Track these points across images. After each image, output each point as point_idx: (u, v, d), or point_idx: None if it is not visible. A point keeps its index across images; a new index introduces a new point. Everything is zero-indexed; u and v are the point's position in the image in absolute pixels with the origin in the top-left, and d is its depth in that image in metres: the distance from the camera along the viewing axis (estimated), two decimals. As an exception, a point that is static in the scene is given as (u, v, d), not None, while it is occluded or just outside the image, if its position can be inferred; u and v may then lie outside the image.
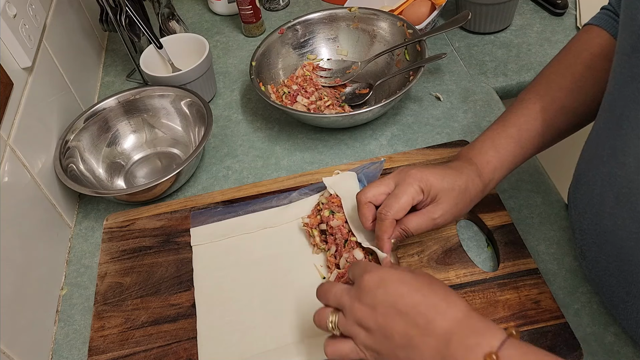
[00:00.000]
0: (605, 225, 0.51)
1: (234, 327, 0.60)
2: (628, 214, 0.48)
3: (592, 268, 0.56)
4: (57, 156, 0.74)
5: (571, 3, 1.00)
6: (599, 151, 0.52)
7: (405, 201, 0.55)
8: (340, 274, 0.60)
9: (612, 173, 0.50)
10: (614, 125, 0.49)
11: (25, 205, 0.65)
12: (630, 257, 0.48)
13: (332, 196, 0.67)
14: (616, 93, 0.49)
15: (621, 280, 0.51)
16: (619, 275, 0.51)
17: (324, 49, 0.93)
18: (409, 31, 0.86)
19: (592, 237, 0.54)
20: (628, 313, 0.52)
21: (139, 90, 0.84)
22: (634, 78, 0.45)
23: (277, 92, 0.86)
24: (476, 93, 0.86)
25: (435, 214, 0.57)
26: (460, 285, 0.60)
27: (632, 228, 0.47)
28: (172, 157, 0.84)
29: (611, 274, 0.52)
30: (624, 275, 0.50)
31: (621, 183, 0.48)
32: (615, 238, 0.50)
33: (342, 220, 0.64)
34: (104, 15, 0.91)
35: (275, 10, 1.11)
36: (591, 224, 0.54)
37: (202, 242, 0.68)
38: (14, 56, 0.68)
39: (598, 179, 0.52)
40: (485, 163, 0.60)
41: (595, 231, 0.53)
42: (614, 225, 0.50)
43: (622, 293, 0.51)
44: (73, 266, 0.72)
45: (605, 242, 0.52)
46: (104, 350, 0.60)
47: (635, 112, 0.46)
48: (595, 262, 0.55)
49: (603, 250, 0.53)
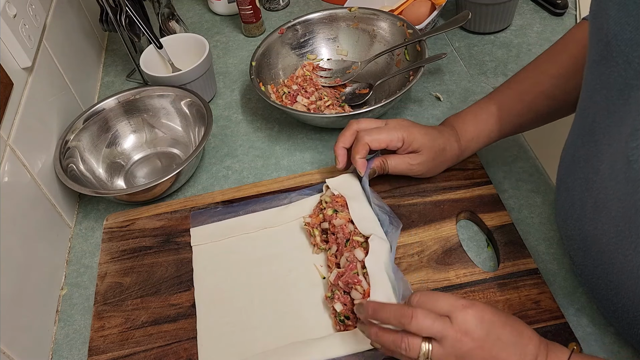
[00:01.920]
0: (587, 230, 0.52)
1: (234, 327, 0.60)
2: (606, 219, 0.48)
3: (582, 272, 0.56)
4: (57, 156, 0.74)
5: (571, 3, 1.00)
6: (576, 157, 0.53)
7: (384, 138, 0.64)
8: (340, 273, 0.60)
9: (588, 179, 0.50)
10: (587, 131, 0.50)
11: (25, 205, 0.65)
12: (613, 260, 0.48)
13: (336, 196, 0.67)
14: (587, 100, 0.50)
15: (608, 283, 0.51)
16: (605, 279, 0.51)
17: (324, 49, 0.93)
18: (409, 31, 0.86)
19: (577, 242, 0.55)
20: (619, 316, 0.52)
21: (139, 90, 0.84)
22: (603, 86, 0.46)
23: (277, 92, 0.86)
24: (476, 93, 0.86)
25: (414, 160, 0.66)
26: (460, 285, 0.60)
27: (611, 232, 0.47)
28: (172, 157, 0.84)
29: (598, 278, 0.52)
30: (610, 278, 0.50)
31: (598, 189, 0.49)
32: (598, 243, 0.50)
33: (344, 220, 0.64)
34: (104, 15, 0.91)
35: (275, 10, 1.11)
36: (574, 229, 0.54)
37: (202, 242, 0.68)
38: (14, 56, 0.68)
39: (577, 185, 0.52)
40: (464, 132, 0.68)
41: (579, 236, 0.54)
42: (595, 230, 0.50)
43: (611, 296, 0.51)
44: (73, 266, 0.72)
45: (589, 247, 0.52)
46: (104, 350, 0.60)
47: (605, 119, 0.46)
48: (583, 267, 0.55)
49: (588, 255, 0.53)
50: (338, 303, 0.58)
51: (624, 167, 0.43)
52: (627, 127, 0.43)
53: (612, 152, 0.46)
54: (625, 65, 0.43)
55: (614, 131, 0.45)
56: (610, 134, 0.46)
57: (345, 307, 0.58)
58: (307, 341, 0.57)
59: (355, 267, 0.59)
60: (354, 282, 0.58)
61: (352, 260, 0.60)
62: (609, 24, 0.44)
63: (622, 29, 0.42)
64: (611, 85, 0.45)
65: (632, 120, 0.42)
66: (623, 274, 0.48)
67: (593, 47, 0.48)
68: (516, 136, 0.78)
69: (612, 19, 0.43)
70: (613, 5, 0.43)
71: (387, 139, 0.65)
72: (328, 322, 0.59)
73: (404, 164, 0.66)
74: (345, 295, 0.59)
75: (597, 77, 0.47)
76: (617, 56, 0.43)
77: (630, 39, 0.42)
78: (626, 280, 0.48)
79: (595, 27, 0.47)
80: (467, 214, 0.68)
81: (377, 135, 0.65)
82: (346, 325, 0.58)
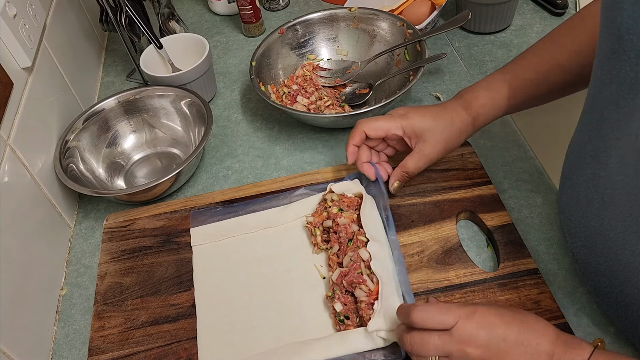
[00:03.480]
0: (592, 226, 0.52)
1: (234, 327, 0.60)
2: (613, 214, 0.48)
3: (585, 271, 0.56)
4: (57, 156, 0.74)
5: (571, 3, 0.99)
6: (582, 153, 0.53)
7: (381, 126, 0.65)
8: (343, 272, 0.60)
9: (595, 174, 0.50)
10: (594, 126, 0.50)
11: (25, 205, 0.65)
12: (619, 256, 0.48)
13: (343, 195, 0.67)
14: (596, 94, 0.50)
15: (613, 280, 0.51)
16: (610, 276, 0.51)
17: (324, 49, 0.93)
18: (409, 31, 0.86)
19: (581, 239, 0.55)
20: (622, 314, 0.52)
21: (139, 90, 0.84)
22: (612, 80, 0.46)
23: (277, 92, 0.86)
24: (476, 93, 0.86)
25: (426, 149, 0.64)
26: (460, 285, 0.60)
27: (618, 228, 0.47)
28: (172, 157, 0.84)
29: (603, 275, 0.52)
30: (615, 275, 0.50)
31: (605, 184, 0.49)
32: (604, 238, 0.50)
33: (349, 219, 0.64)
34: (104, 15, 0.91)
35: (275, 10, 1.11)
36: (579, 225, 0.54)
37: (202, 242, 0.68)
38: (14, 56, 0.68)
39: (582, 181, 0.52)
40: (474, 98, 0.66)
41: (583, 233, 0.54)
42: (601, 225, 0.50)
43: (616, 293, 0.51)
44: (73, 266, 0.72)
45: (594, 243, 0.52)
46: (104, 350, 0.60)
47: (614, 113, 0.46)
48: (586, 264, 0.55)
49: (593, 252, 0.53)
50: (338, 303, 0.58)
51: (634, 160, 0.43)
52: (637, 121, 0.43)
53: (621, 146, 0.45)
54: (637, 60, 0.42)
55: (624, 125, 0.45)
56: (619, 128, 0.46)
57: (345, 307, 0.58)
58: (307, 341, 0.57)
59: (360, 266, 0.59)
60: (359, 281, 0.58)
61: (356, 259, 0.60)
62: (622, 17, 0.43)
63: (636, 22, 0.42)
64: (622, 79, 0.44)
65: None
66: (629, 270, 0.48)
67: (604, 40, 0.47)
68: (516, 136, 0.78)
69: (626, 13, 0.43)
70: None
71: (384, 127, 0.65)
72: (328, 322, 0.59)
73: (420, 159, 0.65)
74: (346, 295, 0.59)
75: (607, 71, 0.47)
76: (629, 50, 0.43)
77: None
78: (632, 276, 0.47)
79: (607, 21, 0.46)
80: (467, 214, 0.68)
81: (374, 122, 0.65)
82: (346, 325, 0.58)
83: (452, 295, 0.59)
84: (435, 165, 0.71)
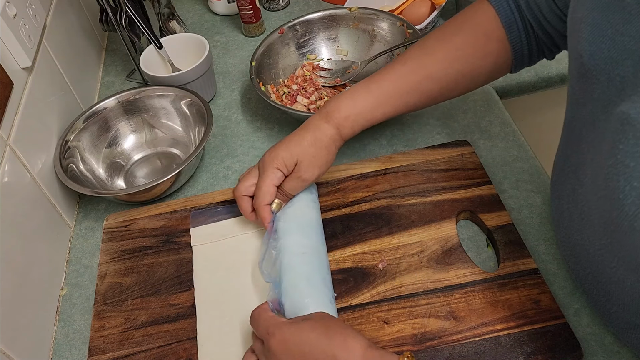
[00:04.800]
0: (575, 239, 0.52)
1: (234, 327, 0.60)
2: (591, 230, 0.48)
3: (576, 277, 0.56)
4: (57, 156, 0.74)
5: (571, 3, 0.99)
6: (565, 166, 0.53)
7: (268, 189, 0.62)
8: None
9: (575, 190, 0.50)
10: (574, 142, 0.50)
11: (25, 205, 0.65)
12: (601, 269, 0.48)
13: None
14: (574, 113, 0.50)
15: (600, 289, 0.51)
16: (597, 285, 0.51)
17: (324, 49, 0.93)
18: (409, 31, 0.86)
19: (568, 249, 0.55)
20: (613, 320, 0.52)
21: (139, 90, 0.84)
22: (586, 101, 0.46)
23: (277, 92, 0.86)
24: (476, 93, 0.86)
25: (300, 172, 0.62)
26: (460, 285, 0.60)
27: (596, 245, 0.47)
28: (172, 157, 0.84)
29: (590, 284, 0.53)
30: (601, 286, 0.50)
31: (582, 201, 0.49)
32: (586, 252, 0.50)
33: None
34: (104, 15, 0.91)
35: (275, 10, 1.11)
36: (565, 236, 0.54)
37: (202, 242, 0.68)
38: (14, 56, 0.68)
39: (565, 194, 0.52)
40: (336, 110, 0.64)
41: (569, 243, 0.54)
42: (582, 240, 0.50)
43: (604, 302, 0.51)
44: (73, 266, 0.72)
45: (579, 256, 0.52)
46: (104, 350, 0.60)
47: (591, 132, 0.46)
48: (576, 272, 0.55)
49: (579, 262, 0.53)
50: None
51: (603, 183, 0.42)
52: (607, 144, 0.42)
53: (595, 166, 0.45)
54: (607, 83, 0.42)
55: (597, 146, 0.45)
56: (594, 148, 0.46)
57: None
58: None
59: None
60: None
61: None
62: (583, 45, 0.43)
63: (599, 48, 0.42)
64: (595, 100, 0.44)
65: (611, 136, 0.41)
66: (611, 283, 0.48)
67: (572, 64, 0.48)
68: (516, 136, 0.78)
69: (586, 41, 0.43)
70: (586, 27, 0.43)
71: (271, 186, 0.62)
72: (328, 322, 0.59)
73: (296, 182, 0.63)
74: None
75: (579, 93, 0.47)
76: (597, 74, 0.43)
77: (609, 57, 0.41)
78: (614, 289, 0.48)
79: (572, 45, 0.47)
80: (467, 214, 0.68)
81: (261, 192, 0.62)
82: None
83: (452, 295, 0.59)
84: (435, 165, 0.71)
